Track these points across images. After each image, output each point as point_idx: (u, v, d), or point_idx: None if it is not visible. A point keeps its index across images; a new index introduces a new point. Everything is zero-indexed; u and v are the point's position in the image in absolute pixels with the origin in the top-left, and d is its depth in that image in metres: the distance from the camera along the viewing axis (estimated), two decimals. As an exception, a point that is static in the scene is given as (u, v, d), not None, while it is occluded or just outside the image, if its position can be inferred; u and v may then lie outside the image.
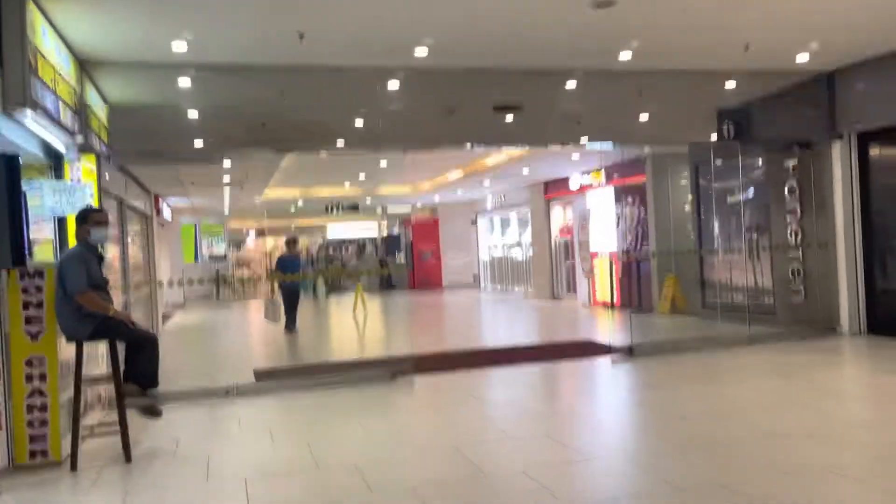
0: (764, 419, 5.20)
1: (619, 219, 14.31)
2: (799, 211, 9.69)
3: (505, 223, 21.25)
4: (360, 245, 32.58)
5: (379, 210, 29.52)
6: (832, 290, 9.24)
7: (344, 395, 6.97)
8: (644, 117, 10.59)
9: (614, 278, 14.32)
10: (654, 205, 13.23)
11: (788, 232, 9.85)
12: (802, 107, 9.43)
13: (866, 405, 5.76)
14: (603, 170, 14.67)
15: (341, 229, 36.98)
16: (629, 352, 8.47)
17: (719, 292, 11.45)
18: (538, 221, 17.86)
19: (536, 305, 16.47)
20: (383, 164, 14.07)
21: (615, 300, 14.26)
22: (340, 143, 9.74)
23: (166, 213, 17.69)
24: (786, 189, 9.86)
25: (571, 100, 9.03)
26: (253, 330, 14.73)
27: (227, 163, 11.01)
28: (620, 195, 14.26)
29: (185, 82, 7.56)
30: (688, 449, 4.56)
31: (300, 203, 20.49)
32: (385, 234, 30.08)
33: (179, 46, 6.55)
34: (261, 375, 8.14)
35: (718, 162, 11.36)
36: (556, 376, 7.76)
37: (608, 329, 12.12)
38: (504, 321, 14.42)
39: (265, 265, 38.02)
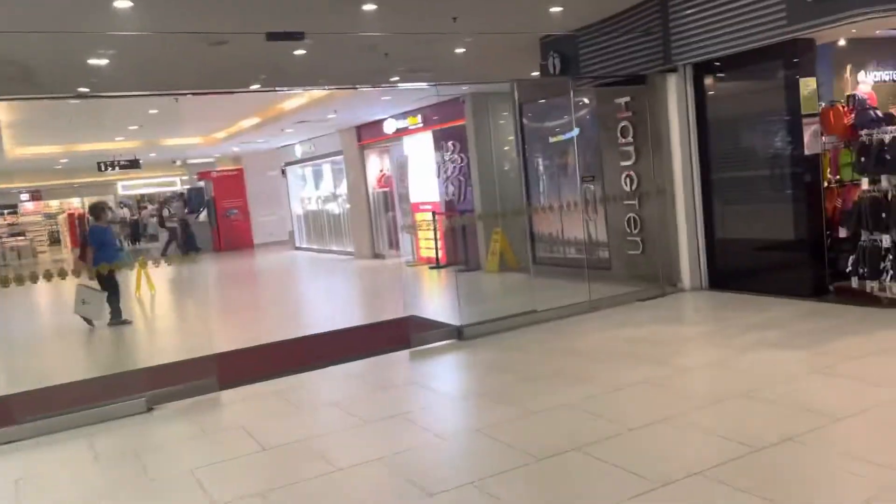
0: (636, 448, 3.93)
1: (439, 167, 12.86)
2: (634, 154, 8.68)
3: (318, 174, 19.16)
4: (161, 202, 28.80)
5: (178, 162, 26.19)
6: (671, 242, 8.39)
7: (76, 446, 4.91)
8: (461, 50, 9.06)
9: (438, 234, 12.95)
10: (476, 151, 11.88)
11: (623, 177, 8.84)
12: (635, 36, 8.30)
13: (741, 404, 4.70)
14: (420, 114, 13.09)
15: (133, 186, 32.94)
16: (458, 334, 7.06)
17: (551, 246, 10.40)
18: (353, 171, 16.01)
19: (356, 267, 14.79)
20: (153, 111, 11.47)
21: (440, 257, 12.93)
22: (81, 89, 7.28)
23: None
24: (618, 130, 8.80)
25: (373, 27, 7.21)
26: (22, 325, 11.57)
27: None
28: (440, 140, 12.77)
29: None
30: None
31: (65, 161, 17.09)
32: (183, 189, 26.79)
33: None
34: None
35: (544, 101, 10.14)
36: (370, 389, 6.11)
37: (434, 295, 10.74)
38: (320, 291, 12.60)
39: (50, 232, 33.04)
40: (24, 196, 30.82)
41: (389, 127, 13.95)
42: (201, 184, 23.31)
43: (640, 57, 8.31)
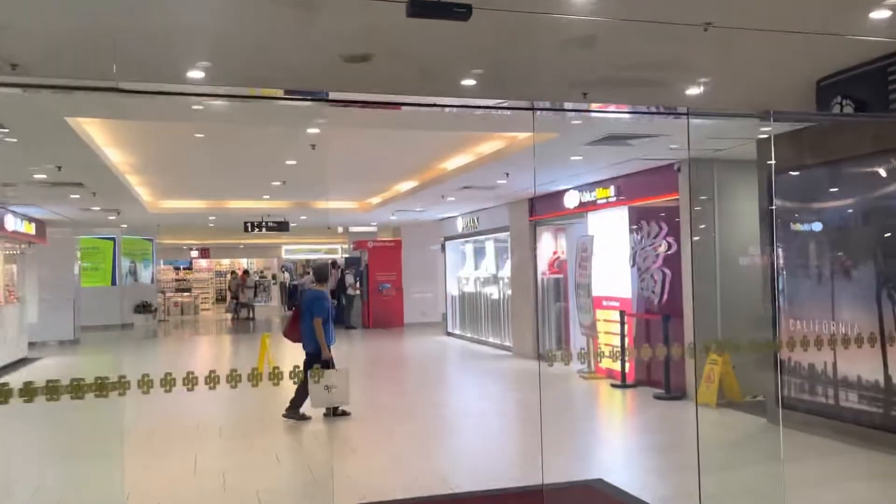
0: None
1: (636, 253, 9.83)
2: None
3: (479, 252, 16.72)
4: (342, 269, 27.80)
5: (341, 230, 25.20)
6: None
7: None
8: (701, 84, 6.19)
9: (627, 340, 9.80)
10: (693, 236, 8.74)
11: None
12: None
13: None
14: (613, 185, 10.22)
15: (297, 251, 32.62)
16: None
17: (812, 385, 6.93)
18: (520, 251, 13.34)
19: (514, 369, 11.89)
20: (290, 161, 9.55)
21: (627, 372, 9.73)
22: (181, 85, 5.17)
23: (14, 224, 13.03)
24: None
25: (574, 31, 4.52)
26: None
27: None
28: (639, 219, 9.78)
29: None
30: None
31: (213, 218, 15.99)
32: (343, 257, 25.57)
33: None
34: None
35: (818, 165, 6.92)
36: None
37: (626, 438, 7.53)
38: (466, 405, 9.78)
39: (216, 288, 33.29)
40: (194, 253, 31.30)
41: (571, 200, 11.20)
42: (357, 253, 21.81)
43: None
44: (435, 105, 4.32)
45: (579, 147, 7.77)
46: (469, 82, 5.55)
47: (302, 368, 6.93)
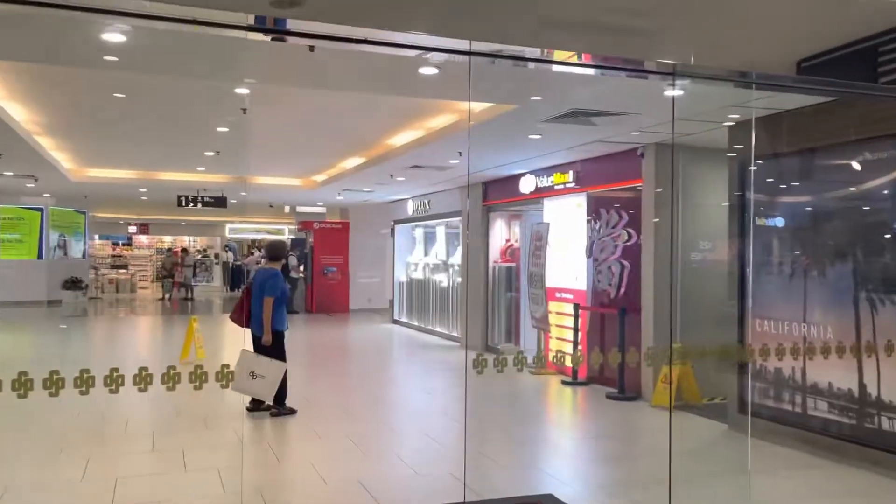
0: None
1: (593, 243, 9.25)
2: None
3: (430, 237, 16.01)
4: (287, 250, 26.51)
5: (287, 209, 24.19)
6: None
7: None
8: (671, 44, 5.55)
9: (580, 335, 9.25)
10: (655, 227, 8.19)
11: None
12: None
13: None
14: (571, 171, 9.62)
15: (241, 230, 31.47)
16: None
17: (775, 389, 6.44)
18: (472, 237, 12.67)
19: (461, 362, 11.22)
20: (222, 129, 8.65)
21: (579, 369, 9.18)
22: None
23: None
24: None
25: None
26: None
27: None
28: (599, 207, 9.19)
29: None
30: None
31: (144, 190, 14.88)
32: (289, 238, 24.58)
33: None
34: None
35: (789, 154, 6.40)
36: None
37: (581, 447, 6.93)
38: (411, 407, 9.11)
39: (156, 266, 31.77)
40: (132, 228, 29.77)
41: (527, 184, 10.57)
42: (302, 235, 20.89)
43: None
44: (391, 44, 3.43)
45: (539, 124, 7.10)
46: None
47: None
